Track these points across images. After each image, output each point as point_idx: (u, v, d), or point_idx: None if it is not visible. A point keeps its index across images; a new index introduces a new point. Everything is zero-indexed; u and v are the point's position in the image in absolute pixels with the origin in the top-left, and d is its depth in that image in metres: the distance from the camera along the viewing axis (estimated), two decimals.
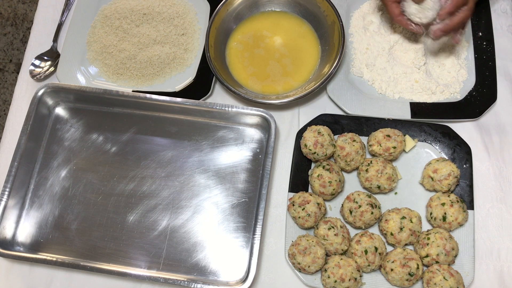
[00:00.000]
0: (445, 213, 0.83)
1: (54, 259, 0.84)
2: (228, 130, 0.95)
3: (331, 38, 0.97)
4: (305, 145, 0.88)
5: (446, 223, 0.83)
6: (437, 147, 0.91)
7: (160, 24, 1.03)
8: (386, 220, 0.84)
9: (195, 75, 0.99)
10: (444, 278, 0.78)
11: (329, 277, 0.80)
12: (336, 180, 0.86)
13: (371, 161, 0.88)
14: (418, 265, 0.80)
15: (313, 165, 0.91)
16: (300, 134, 0.92)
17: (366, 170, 0.87)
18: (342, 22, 0.95)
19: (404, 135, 0.92)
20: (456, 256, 0.83)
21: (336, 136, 0.92)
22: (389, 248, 0.86)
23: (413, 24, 0.87)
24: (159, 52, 1.01)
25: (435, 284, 0.79)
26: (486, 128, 0.95)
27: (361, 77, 0.98)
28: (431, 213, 0.85)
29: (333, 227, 0.83)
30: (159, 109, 0.95)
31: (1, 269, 0.89)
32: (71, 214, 0.90)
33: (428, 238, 0.82)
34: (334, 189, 0.86)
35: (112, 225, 0.89)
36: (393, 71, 0.96)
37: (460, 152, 0.90)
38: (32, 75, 1.03)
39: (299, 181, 0.90)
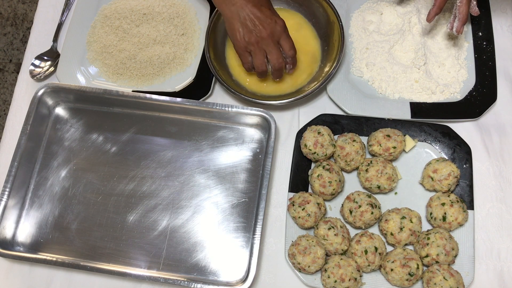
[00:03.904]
0: (445, 213, 0.83)
1: (54, 259, 0.84)
2: (228, 130, 0.95)
3: (331, 38, 0.97)
4: (305, 145, 0.88)
5: (446, 223, 0.83)
6: (437, 147, 0.91)
7: (160, 24, 1.03)
8: (386, 220, 0.84)
9: (195, 75, 0.99)
10: (444, 278, 0.78)
11: (329, 277, 0.80)
12: (336, 180, 0.86)
13: (371, 161, 0.88)
14: (418, 265, 0.80)
15: (313, 165, 0.91)
16: (300, 134, 0.92)
17: (366, 170, 0.87)
18: (342, 22, 0.95)
19: (404, 135, 0.92)
20: (456, 256, 0.83)
21: (336, 136, 0.92)
22: (389, 248, 0.86)
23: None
24: (159, 52, 1.01)
25: (435, 284, 0.79)
26: (486, 128, 0.95)
27: (361, 77, 0.98)
28: (431, 213, 0.85)
29: (333, 227, 0.83)
30: (159, 109, 0.95)
31: (1, 269, 0.89)
32: (71, 214, 0.90)
33: (428, 238, 0.82)
34: (334, 189, 0.86)
35: (112, 225, 0.89)
36: (393, 71, 0.96)
37: (460, 152, 0.90)
38: (32, 75, 1.03)
39: (299, 181, 0.90)
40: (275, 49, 0.86)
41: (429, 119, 0.93)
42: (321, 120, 0.94)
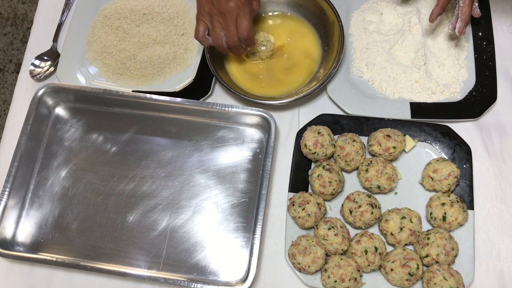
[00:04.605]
0: (445, 213, 0.83)
1: (54, 259, 0.84)
2: (228, 130, 0.95)
3: (331, 38, 0.97)
4: (305, 145, 0.88)
5: (446, 223, 0.83)
6: (437, 147, 0.91)
7: (160, 24, 1.03)
8: (386, 220, 0.84)
9: (195, 75, 0.99)
10: (444, 278, 0.78)
11: (329, 277, 0.80)
12: (336, 180, 0.86)
13: (371, 161, 0.88)
14: (418, 265, 0.80)
15: (313, 165, 0.91)
16: (300, 134, 0.92)
17: (366, 170, 0.87)
18: (341, 22, 0.95)
19: (404, 135, 0.92)
20: (456, 256, 0.83)
21: (336, 136, 0.92)
22: (389, 248, 0.86)
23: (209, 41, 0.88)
24: (159, 52, 1.01)
25: (435, 284, 0.79)
26: (486, 128, 0.95)
27: (361, 77, 0.98)
28: (431, 213, 0.85)
29: (333, 227, 0.83)
30: (159, 109, 0.95)
31: (1, 269, 0.89)
32: (71, 214, 0.90)
33: (428, 238, 0.82)
34: (334, 189, 0.86)
35: (112, 225, 0.89)
36: (393, 71, 0.96)
37: (460, 152, 0.90)
38: (32, 75, 1.03)
39: (299, 181, 0.90)
40: (231, 26, 0.82)
41: (429, 119, 0.93)
42: (321, 120, 0.94)
